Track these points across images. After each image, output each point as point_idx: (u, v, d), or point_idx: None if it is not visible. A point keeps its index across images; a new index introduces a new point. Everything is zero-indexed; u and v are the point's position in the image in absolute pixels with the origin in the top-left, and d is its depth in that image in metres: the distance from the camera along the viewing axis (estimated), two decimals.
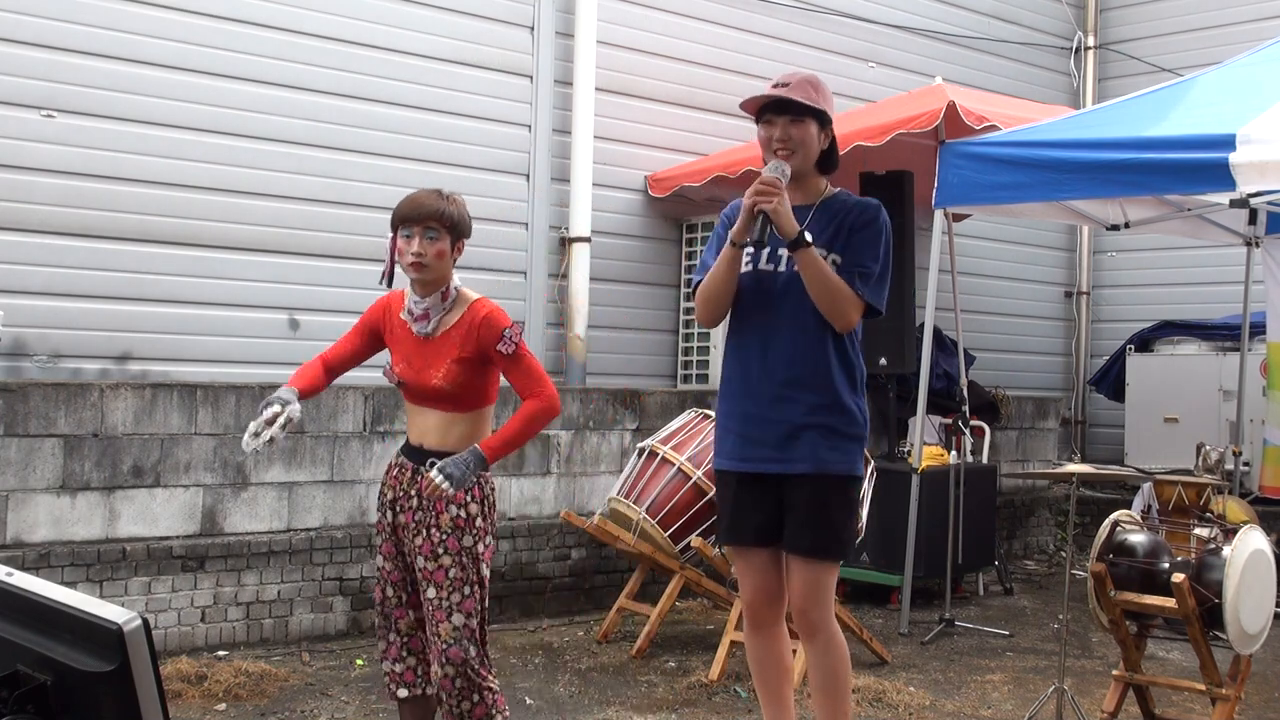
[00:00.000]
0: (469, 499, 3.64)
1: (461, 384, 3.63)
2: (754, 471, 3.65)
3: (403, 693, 3.80)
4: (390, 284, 3.76)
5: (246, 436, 3.46)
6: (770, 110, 3.66)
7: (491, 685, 3.67)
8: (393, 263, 3.71)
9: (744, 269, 3.68)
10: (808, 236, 3.52)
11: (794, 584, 3.65)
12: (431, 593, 3.63)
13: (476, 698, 3.63)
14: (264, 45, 6.41)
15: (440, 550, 3.61)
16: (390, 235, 3.68)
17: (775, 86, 3.67)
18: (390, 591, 3.77)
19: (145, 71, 6.05)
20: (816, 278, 3.53)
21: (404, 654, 3.79)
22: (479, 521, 3.65)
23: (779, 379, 3.61)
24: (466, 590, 3.62)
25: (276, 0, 6.45)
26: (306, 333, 6.54)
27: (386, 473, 3.81)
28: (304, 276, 6.54)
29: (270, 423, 3.46)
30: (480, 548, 3.66)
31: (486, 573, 3.69)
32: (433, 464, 3.58)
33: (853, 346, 3.70)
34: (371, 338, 3.82)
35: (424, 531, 3.64)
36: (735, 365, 3.72)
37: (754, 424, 3.65)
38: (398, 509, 3.71)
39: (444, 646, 3.60)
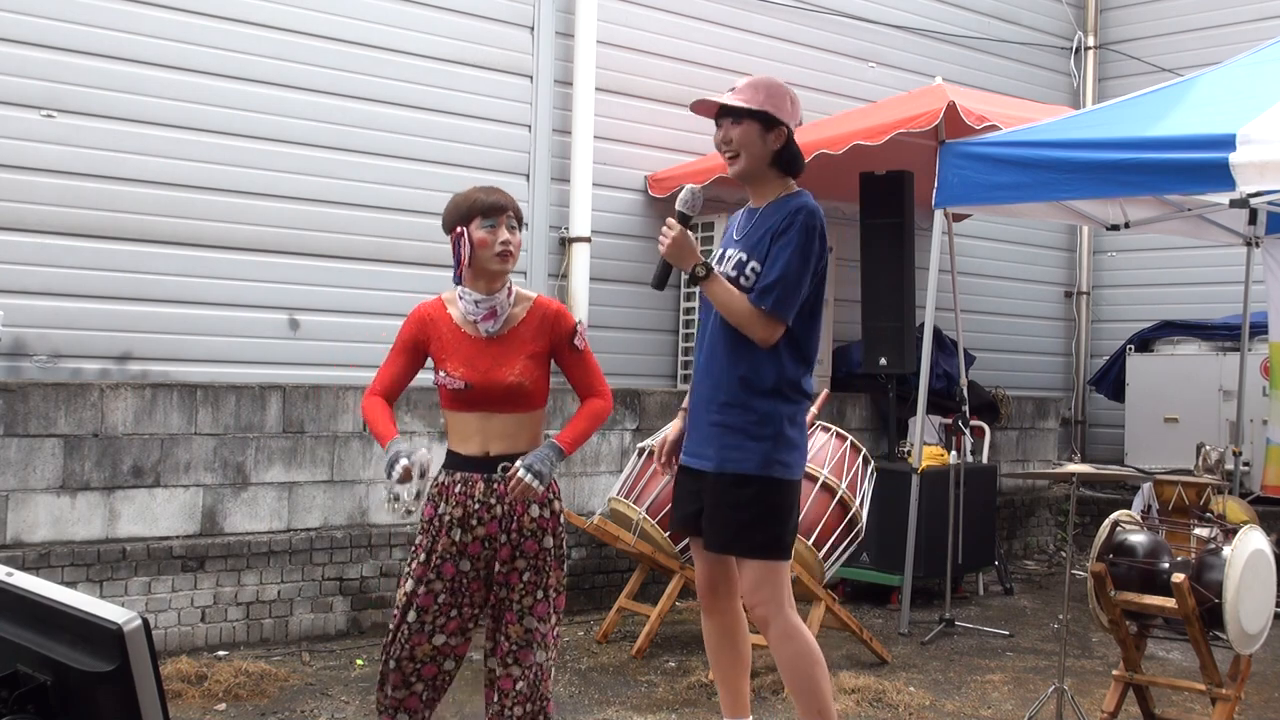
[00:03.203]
0: (551, 496, 3.56)
1: (534, 379, 3.54)
2: (687, 465, 3.92)
3: (403, 718, 3.61)
4: (457, 274, 3.59)
5: (399, 506, 3.45)
6: (719, 113, 3.84)
7: (549, 694, 3.55)
8: (462, 258, 3.53)
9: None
10: (699, 271, 3.73)
11: (740, 579, 3.85)
12: (504, 593, 3.52)
13: (533, 706, 3.50)
14: (264, 45, 6.40)
15: (518, 554, 3.51)
16: (458, 230, 3.52)
17: (729, 90, 3.85)
18: (413, 617, 3.54)
19: (145, 71, 6.05)
20: (721, 306, 3.76)
21: (412, 680, 3.57)
22: (560, 519, 3.59)
23: (703, 378, 3.86)
24: (540, 594, 3.52)
25: (276, 0, 6.45)
26: (306, 333, 6.54)
27: (440, 493, 3.57)
28: (304, 276, 6.53)
29: (404, 480, 3.41)
30: (562, 547, 3.59)
31: (564, 571, 3.62)
32: (504, 467, 3.49)
33: (776, 349, 3.73)
34: (414, 353, 3.65)
35: (506, 536, 3.51)
36: (695, 365, 3.99)
37: (692, 419, 3.92)
38: (471, 523, 3.52)
39: (512, 648, 3.49)
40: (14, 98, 5.73)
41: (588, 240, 7.42)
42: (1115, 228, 7.62)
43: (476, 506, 3.52)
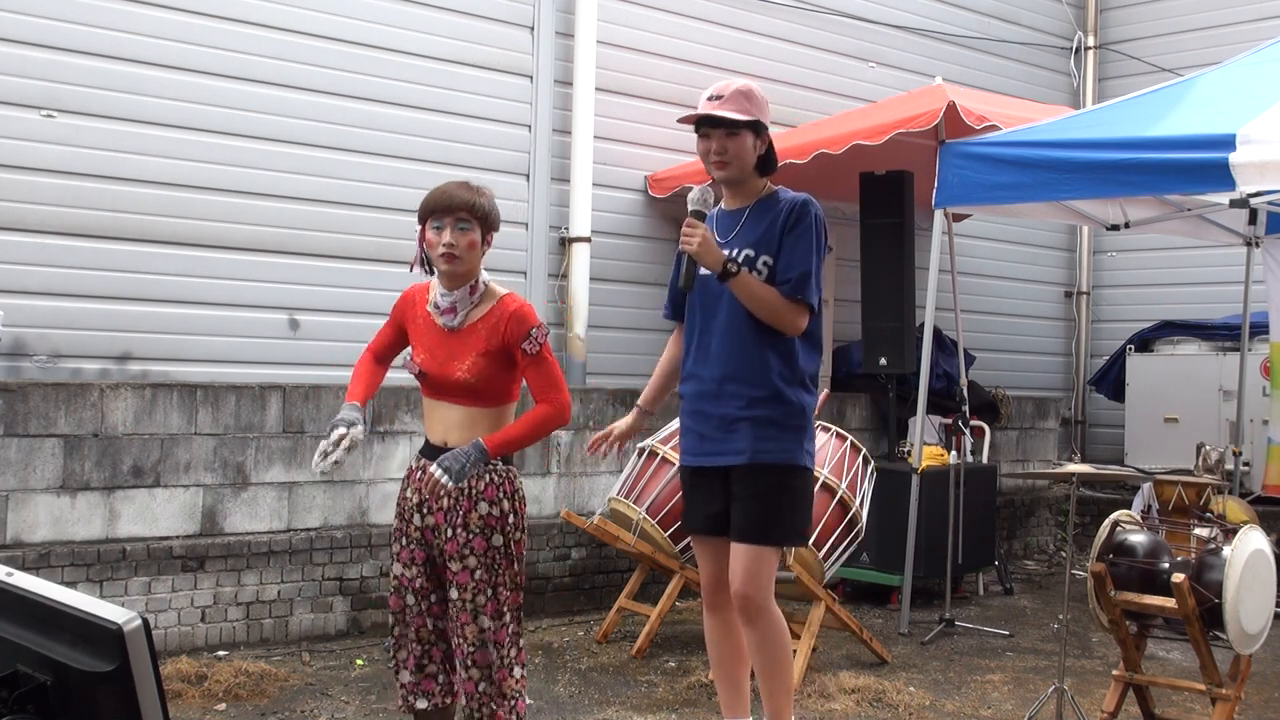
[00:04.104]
0: (500, 495, 3.57)
1: (486, 378, 3.57)
2: (703, 465, 3.91)
3: (421, 704, 3.66)
4: (422, 269, 3.69)
5: (315, 457, 3.56)
6: (706, 124, 3.87)
7: (517, 692, 3.58)
8: (423, 253, 3.64)
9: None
10: (731, 268, 3.74)
11: (734, 568, 3.85)
12: (455, 594, 3.55)
13: (498, 704, 3.54)
14: (264, 45, 6.40)
15: (467, 551, 3.53)
16: (419, 227, 3.62)
17: (710, 99, 3.87)
18: (410, 600, 3.64)
19: (145, 71, 6.05)
20: (753, 301, 3.77)
21: (424, 662, 3.66)
22: (511, 519, 3.59)
23: (719, 374, 3.86)
24: (490, 592, 3.54)
25: (276, 0, 6.45)
26: (306, 333, 6.54)
27: (407, 477, 3.72)
28: (304, 276, 6.53)
29: (336, 444, 3.54)
30: (512, 546, 3.59)
31: (520, 569, 3.62)
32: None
33: (795, 342, 3.85)
34: (397, 329, 3.79)
35: (451, 530, 3.55)
36: (688, 363, 3.98)
37: (702, 420, 3.91)
38: (425, 511, 3.62)
39: (470, 650, 3.52)
40: (14, 98, 5.72)
41: (588, 240, 7.41)
42: (1115, 228, 7.62)
43: (428, 495, 3.59)
